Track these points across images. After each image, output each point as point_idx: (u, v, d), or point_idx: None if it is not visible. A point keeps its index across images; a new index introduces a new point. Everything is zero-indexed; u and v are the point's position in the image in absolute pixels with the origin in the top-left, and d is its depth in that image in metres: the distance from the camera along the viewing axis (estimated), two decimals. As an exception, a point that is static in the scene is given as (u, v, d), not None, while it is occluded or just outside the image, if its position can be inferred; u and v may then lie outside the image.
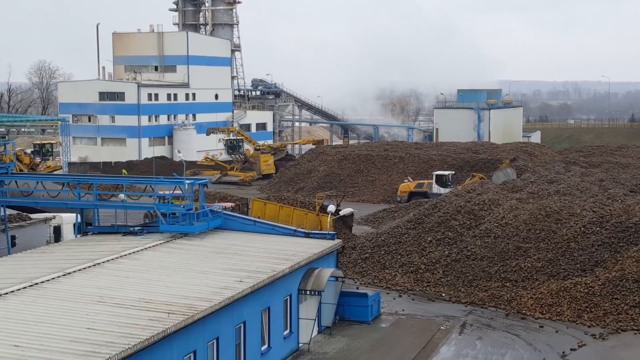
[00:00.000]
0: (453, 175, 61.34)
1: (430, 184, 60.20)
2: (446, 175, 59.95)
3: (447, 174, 60.23)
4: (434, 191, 59.17)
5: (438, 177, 59.98)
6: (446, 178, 59.71)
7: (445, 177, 59.76)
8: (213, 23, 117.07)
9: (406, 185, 61.93)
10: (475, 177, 60.79)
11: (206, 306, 22.36)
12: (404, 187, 61.72)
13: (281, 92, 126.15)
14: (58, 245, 32.60)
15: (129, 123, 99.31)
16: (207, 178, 40.41)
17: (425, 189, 59.98)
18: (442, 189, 58.86)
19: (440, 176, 60.03)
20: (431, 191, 59.34)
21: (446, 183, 59.43)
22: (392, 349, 29.42)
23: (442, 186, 59.25)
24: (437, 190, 59.03)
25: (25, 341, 18.82)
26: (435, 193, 58.63)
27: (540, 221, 39.62)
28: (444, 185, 59.34)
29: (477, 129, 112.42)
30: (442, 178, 59.75)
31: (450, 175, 60.48)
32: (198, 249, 29.88)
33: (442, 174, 60.33)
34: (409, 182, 62.42)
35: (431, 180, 60.95)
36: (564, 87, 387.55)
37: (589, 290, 33.10)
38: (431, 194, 58.93)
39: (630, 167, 66.60)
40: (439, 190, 58.87)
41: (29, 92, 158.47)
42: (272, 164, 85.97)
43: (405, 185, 61.98)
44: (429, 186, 60.07)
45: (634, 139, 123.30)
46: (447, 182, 59.48)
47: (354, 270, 39.88)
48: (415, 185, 61.21)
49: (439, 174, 60.61)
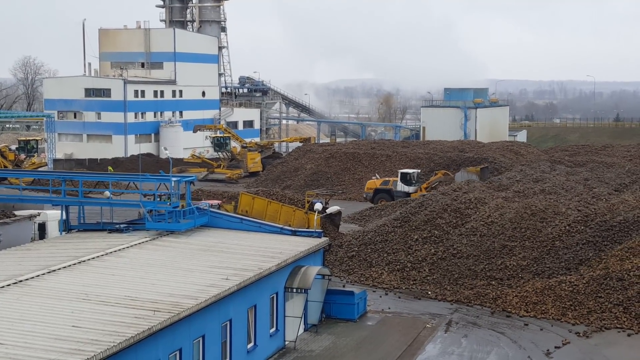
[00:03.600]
0: (419, 173, 61.86)
1: (396, 182, 60.74)
2: (411, 174, 60.54)
3: (411, 172, 60.86)
4: (399, 189, 59.93)
5: (403, 175, 60.57)
6: (410, 176, 60.25)
7: (409, 175, 60.29)
8: (200, 20, 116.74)
9: (372, 182, 62.63)
10: (438, 173, 61.54)
11: (192, 304, 22.31)
12: (370, 184, 62.39)
13: (268, 90, 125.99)
14: (43, 243, 32.37)
15: (115, 120, 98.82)
16: (194, 175, 40.22)
17: (391, 186, 60.56)
18: (406, 187, 59.53)
19: (405, 174, 60.62)
20: (396, 189, 60.03)
21: (410, 181, 59.96)
22: (378, 347, 29.50)
23: (407, 184, 59.83)
24: (401, 188, 59.85)
25: (9, 339, 18.70)
26: (399, 191, 59.63)
27: (526, 220, 39.84)
28: (409, 183, 59.87)
29: (464, 127, 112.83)
30: (407, 176, 60.30)
31: (416, 174, 61.05)
32: (184, 247, 29.81)
33: (407, 172, 60.98)
34: (375, 179, 62.98)
35: (397, 178, 61.47)
36: (550, 87, 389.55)
37: (574, 289, 33.32)
38: (396, 191, 59.76)
39: (614, 166, 67.05)
40: (403, 188, 59.60)
41: (13, 87, 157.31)
42: (259, 162, 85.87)
43: (372, 182, 62.68)
44: (394, 184, 60.59)
45: (619, 138, 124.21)
46: (411, 180, 59.97)
47: (341, 268, 39.93)
48: (381, 183, 61.81)
49: (403, 172, 61.28)
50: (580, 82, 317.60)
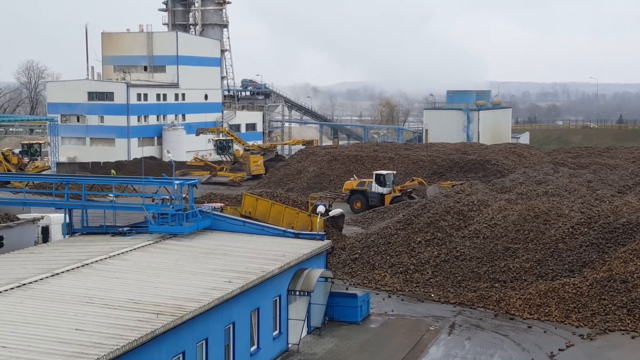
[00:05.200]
0: (394, 175, 62.22)
1: (371, 183, 61.02)
2: (385, 175, 60.91)
3: (386, 174, 61.33)
4: (373, 190, 60.34)
5: (377, 177, 60.99)
6: (385, 178, 60.58)
7: (383, 177, 60.63)
8: (203, 23, 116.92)
9: (350, 183, 63.26)
10: (415, 180, 62.56)
11: (195, 307, 22.31)
12: (348, 184, 63.09)
13: (271, 93, 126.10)
14: (46, 246, 32.41)
15: (118, 123, 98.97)
16: (197, 178, 40.28)
17: (366, 187, 60.93)
18: (380, 188, 60.12)
19: (379, 175, 61.00)
20: (371, 190, 60.25)
21: (385, 183, 60.34)
22: (382, 350, 29.47)
23: (381, 185, 60.21)
24: (375, 189, 60.32)
25: (12, 342, 18.72)
26: (374, 192, 60.22)
27: (529, 222, 39.79)
28: (383, 184, 60.23)
29: (467, 130, 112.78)
30: (381, 177, 60.66)
31: (391, 176, 61.40)
32: (187, 250, 29.82)
33: (381, 174, 61.37)
34: (353, 180, 63.35)
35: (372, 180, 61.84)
36: (553, 89, 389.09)
37: (577, 291, 33.26)
38: (370, 192, 60.30)
39: (618, 168, 66.95)
40: (377, 190, 60.23)
41: (17, 91, 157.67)
42: (262, 165, 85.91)
43: (349, 183, 63.33)
44: (370, 185, 60.90)
45: (622, 140, 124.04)
46: (385, 182, 60.39)
47: (344, 271, 39.91)
48: (357, 184, 62.21)
49: (378, 173, 61.85)
50: (583, 84, 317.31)
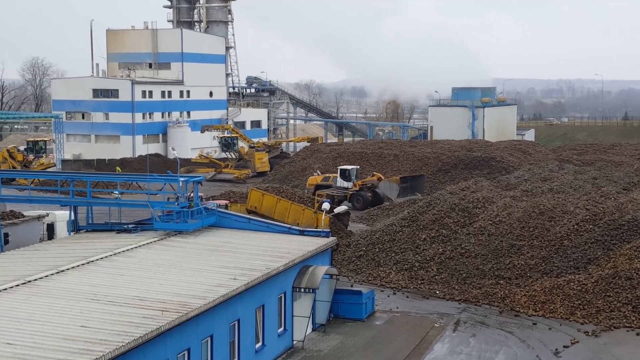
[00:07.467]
0: (358, 169, 62.44)
1: (336, 178, 61.20)
2: (349, 170, 61.09)
3: (350, 169, 61.59)
4: (338, 184, 60.70)
5: (342, 172, 61.21)
6: (349, 172, 60.73)
7: (348, 172, 60.79)
8: (207, 20, 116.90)
9: (314, 178, 63.48)
10: (375, 175, 62.82)
11: (200, 304, 22.35)
12: (312, 180, 63.32)
13: (276, 90, 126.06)
14: (51, 243, 32.49)
15: (123, 120, 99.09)
16: (202, 176, 40.31)
17: (331, 182, 61.08)
18: (345, 183, 60.42)
19: (344, 170, 61.19)
20: (335, 184, 60.31)
21: (349, 177, 60.56)
22: (386, 347, 29.48)
23: (346, 180, 60.38)
24: (340, 184, 60.67)
25: (18, 339, 18.78)
26: (338, 186, 60.42)
27: (534, 219, 39.75)
28: (348, 179, 60.45)
29: (472, 127, 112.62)
30: (346, 172, 60.85)
31: (355, 170, 61.57)
32: (192, 247, 29.86)
33: (346, 169, 61.59)
34: (316, 176, 63.44)
35: (337, 174, 61.98)
36: (558, 85, 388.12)
37: (582, 288, 33.22)
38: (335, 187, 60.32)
39: (623, 165, 66.84)
40: (342, 184, 60.54)
41: (22, 89, 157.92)
42: (267, 162, 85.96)
43: (313, 178, 63.57)
44: (335, 180, 61.06)
45: (627, 137, 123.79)
46: (350, 177, 60.65)
47: (349, 268, 39.93)
48: (322, 179, 62.38)
49: (342, 168, 62.14)
50: (588, 80, 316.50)
